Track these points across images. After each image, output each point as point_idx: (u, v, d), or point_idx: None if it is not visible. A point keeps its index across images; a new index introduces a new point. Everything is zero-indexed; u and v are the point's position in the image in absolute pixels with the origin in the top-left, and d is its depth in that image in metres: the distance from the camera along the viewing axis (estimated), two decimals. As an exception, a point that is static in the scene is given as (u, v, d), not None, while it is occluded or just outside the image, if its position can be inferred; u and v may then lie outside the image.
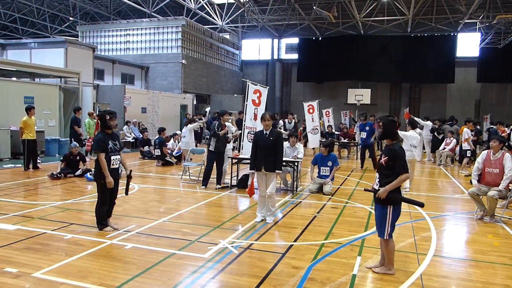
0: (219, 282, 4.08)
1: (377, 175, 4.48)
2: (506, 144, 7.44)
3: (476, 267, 4.76)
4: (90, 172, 10.07)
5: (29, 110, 10.99)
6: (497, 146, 6.86)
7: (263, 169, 6.39)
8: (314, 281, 4.14)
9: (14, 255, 4.59)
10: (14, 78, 16.24)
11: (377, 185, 4.40)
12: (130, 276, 4.10)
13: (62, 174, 9.93)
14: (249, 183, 8.38)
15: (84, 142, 13.32)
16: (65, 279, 3.98)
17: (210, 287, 3.98)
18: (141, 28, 25.82)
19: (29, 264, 4.32)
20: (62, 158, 10.41)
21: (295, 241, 5.48)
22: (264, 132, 6.49)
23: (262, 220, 6.43)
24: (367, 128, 12.91)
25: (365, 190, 4.92)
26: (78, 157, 10.36)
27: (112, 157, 5.59)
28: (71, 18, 30.50)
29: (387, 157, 4.32)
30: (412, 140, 8.99)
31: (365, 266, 4.59)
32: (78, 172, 10.14)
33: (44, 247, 4.89)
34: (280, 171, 6.57)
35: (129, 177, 5.86)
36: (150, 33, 25.65)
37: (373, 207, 4.70)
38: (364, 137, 12.96)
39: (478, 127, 15.84)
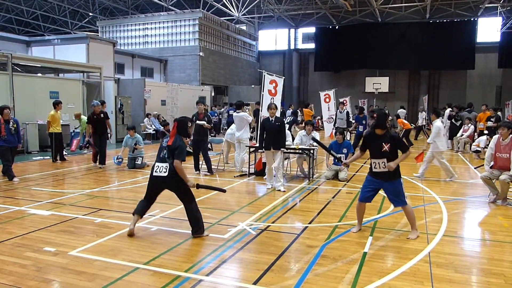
0: (238, 259, 4.40)
1: (377, 160, 5.05)
2: None
3: (484, 246, 4.97)
4: (118, 156, 10.60)
5: (57, 104, 11.48)
6: (506, 133, 6.96)
7: (271, 148, 7.93)
8: (327, 258, 4.42)
9: (51, 236, 5.03)
10: (39, 74, 16.88)
11: (383, 168, 5.00)
12: (156, 253, 4.47)
13: (88, 145, 10.27)
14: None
15: (110, 135, 13.73)
16: (98, 256, 4.38)
17: (231, 262, 4.31)
18: (159, 22, 26.25)
19: (65, 244, 4.74)
20: (87, 121, 10.81)
21: (309, 223, 5.77)
22: (270, 119, 7.99)
23: (271, 187, 8.01)
24: (364, 122, 13.76)
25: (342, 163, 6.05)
26: (102, 115, 10.73)
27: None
28: (90, 14, 31.23)
29: (389, 144, 4.90)
30: None
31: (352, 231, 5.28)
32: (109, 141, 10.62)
33: (77, 230, 5.32)
34: (284, 149, 8.15)
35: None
36: (168, 26, 26.06)
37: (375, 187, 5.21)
38: (361, 130, 13.59)
39: (499, 113, 15.68)
